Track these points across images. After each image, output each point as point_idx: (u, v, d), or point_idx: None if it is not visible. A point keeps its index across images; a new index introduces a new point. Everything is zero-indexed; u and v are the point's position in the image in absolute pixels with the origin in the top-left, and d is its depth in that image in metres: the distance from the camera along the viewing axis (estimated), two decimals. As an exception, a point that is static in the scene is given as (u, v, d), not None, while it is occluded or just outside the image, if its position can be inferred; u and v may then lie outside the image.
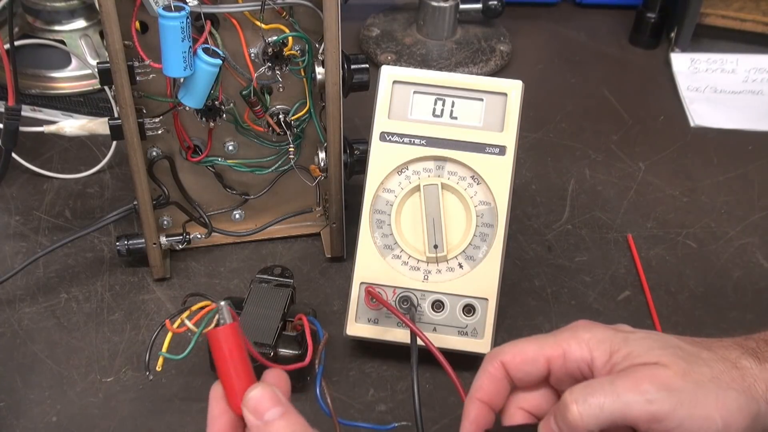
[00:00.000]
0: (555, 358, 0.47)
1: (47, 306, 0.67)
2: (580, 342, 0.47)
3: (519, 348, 0.48)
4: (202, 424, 0.59)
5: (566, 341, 0.48)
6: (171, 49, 0.56)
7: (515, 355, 0.48)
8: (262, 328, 0.58)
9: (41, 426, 0.58)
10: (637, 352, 0.45)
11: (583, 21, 1.11)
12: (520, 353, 0.48)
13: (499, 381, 0.48)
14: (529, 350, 0.48)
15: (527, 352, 0.48)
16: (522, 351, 0.48)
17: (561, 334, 0.48)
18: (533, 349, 0.48)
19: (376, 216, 0.62)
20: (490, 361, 0.48)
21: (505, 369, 0.48)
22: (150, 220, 0.66)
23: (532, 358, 0.48)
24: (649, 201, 0.81)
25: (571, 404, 0.44)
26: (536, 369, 0.47)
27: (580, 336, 0.47)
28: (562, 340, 0.48)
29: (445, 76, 0.62)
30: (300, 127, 0.67)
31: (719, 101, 0.96)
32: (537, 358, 0.48)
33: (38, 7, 0.88)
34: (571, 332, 0.48)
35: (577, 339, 0.47)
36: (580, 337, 0.47)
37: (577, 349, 0.47)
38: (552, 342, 0.48)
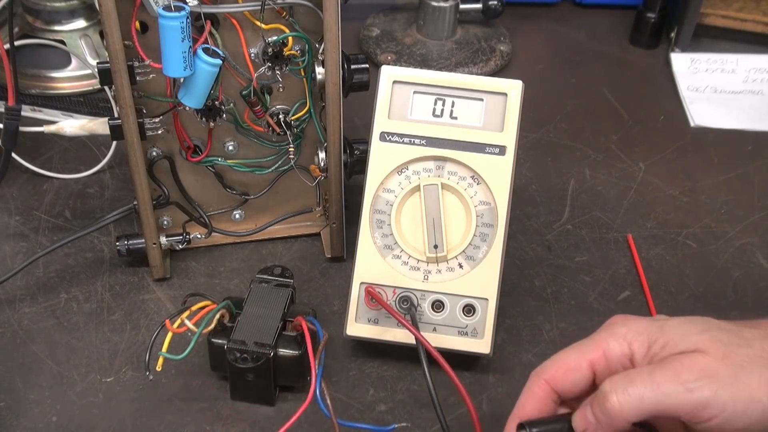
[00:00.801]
0: (597, 360, 0.47)
1: (47, 306, 0.67)
2: (618, 338, 0.47)
3: (560, 360, 0.48)
4: (202, 424, 0.59)
5: (604, 341, 0.47)
6: (171, 49, 0.56)
7: (558, 369, 0.48)
8: (262, 328, 0.58)
9: (41, 426, 0.58)
10: (674, 341, 0.45)
11: (583, 21, 1.11)
12: (562, 365, 0.48)
13: (542, 399, 0.48)
14: (570, 359, 0.48)
15: (569, 362, 0.48)
16: (563, 362, 0.48)
17: (598, 335, 0.48)
18: (574, 357, 0.48)
19: (376, 216, 0.62)
20: (533, 380, 0.49)
21: (549, 386, 0.48)
22: (150, 220, 0.66)
23: (575, 367, 0.48)
24: (649, 201, 0.81)
25: (611, 394, 0.43)
26: (581, 376, 0.47)
27: (617, 332, 0.47)
28: (601, 341, 0.48)
29: (445, 76, 0.62)
30: (300, 127, 0.67)
31: (719, 101, 0.96)
32: (579, 365, 0.47)
33: (38, 7, 0.88)
34: (607, 331, 0.48)
35: (614, 336, 0.47)
36: (617, 334, 0.47)
37: (616, 346, 0.47)
38: (591, 345, 0.48)
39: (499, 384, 0.62)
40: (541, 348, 0.65)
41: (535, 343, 0.66)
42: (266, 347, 0.57)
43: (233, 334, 0.58)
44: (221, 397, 0.61)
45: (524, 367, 0.64)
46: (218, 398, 0.61)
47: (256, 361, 0.57)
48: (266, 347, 0.57)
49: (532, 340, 0.66)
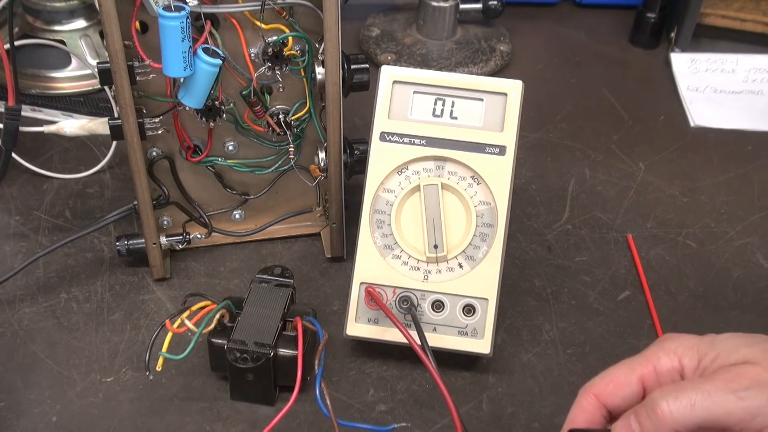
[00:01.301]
0: (647, 375, 0.47)
1: (47, 306, 0.67)
2: (668, 352, 0.47)
3: (610, 376, 0.48)
4: (202, 424, 0.59)
5: (655, 355, 0.47)
6: (171, 49, 0.56)
7: (607, 384, 0.48)
8: (262, 328, 0.58)
9: (41, 426, 0.58)
10: (724, 354, 0.45)
11: (583, 21, 1.11)
12: (612, 380, 0.48)
13: (591, 414, 0.48)
14: (620, 374, 0.48)
15: (618, 377, 0.48)
16: (614, 378, 0.48)
17: (648, 350, 0.48)
18: (624, 373, 0.48)
19: (376, 216, 0.62)
20: (583, 396, 0.48)
21: (599, 401, 0.48)
22: (150, 220, 0.66)
23: (625, 382, 0.47)
24: (649, 201, 0.81)
25: (661, 401, 0.43)
26: (631, 391, 0.47)
27: (667, 347, 0.47)
28: (651, 355, 0.48)
29: (445, 76, 0.62)
30: (300, 127, 0.67)
31: (719, 101, 0.96)
32: (629, 380, 0.47)
33: (38, 7, 0.88)
34: (657, 346, 0.48)
35: (664, 350, 0.47)
36: (667, 348, 0.47)
37: (667, 361, 0.47)
38: (640, 360, 0.48)
39: (499, 384, 0.62)
40: (541, 348, 0.65)
41: (535, 343, 0.66)
42: (266, 347, 0.57)
43: (233, 334, 0.58)
44: (221, 397, 0.61)
45: (524, 367, 0.64)
46: (218, 398, 0.61)
47: (256, 361, 0.57)
48: (266, 347, 0.57)
49: (532, 340, 0.66)
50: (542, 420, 0.60)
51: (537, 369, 0.64)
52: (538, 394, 0.62)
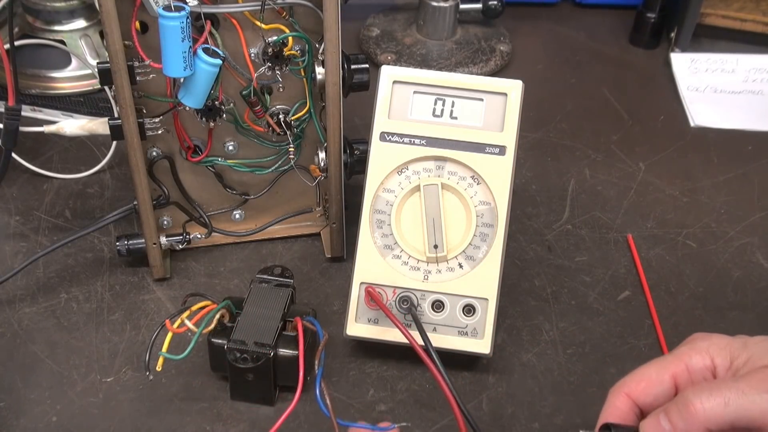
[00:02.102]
0: (679, 373, 0.47)
1: (47, 306, 0.67)
2: (701, 351, 0.47)
3: (641, 374, 0.48)
4: (202, 424, 0.59)
5: (687, 354, 0.48)
6: (171, 49, 0.56)
7: (639, 382, 0.48)
8: (262, 328, 0.58)
9: (41, 426, 0.58)
10: (758, 356, 0.45)
11: (583, 21, 1.11)
12: (644, 379, 0.48)
13: (624, 412, 0.48)
14: (653, 373, 0.48)
15: (651, 376, 0.48)
16: (645, 376, 0.48)
17: (679, 349, 0.48)
18: (656, 371, 0.48)
19: (376, 216, 0.62)
20: (614, 395, 0.48)
21: (631, 399, 0.48)
22: (150, 220, 0.66)
23: (657, 380, 0.47)
24: (649, 201, 0.81)
25: (695, 398, 0.43)
26: (663, 389, 0.47)
27: (699, 346, 0.48)
28: (683, 354, 0.48)
29: (445, 76, 0.62)
30: (300, 127, 0.67)
31: (719, 101, 0.96)
32: (662, 378, 0.47)
33: (38, 7, 0.88)
34: (689, 345, 0.48)
35: (697, 350, 0.47)
36: (699, 348, 0.47)
37: (699, 360, 0.47)
38: (672, 359, 0.48)
39: (499, 384, 0.62)
40: (541, 348, 0.65)
41: (535, 343, 0.66)
42: (266, 347, 0.57)
43: (233, 334, 0.58)
44: (221, 397, 0.61)
45: (524, 367, 0.64)
46: (218, 398, 0.61)
47: (256, 361, 0.57)
48: (266, 347, 0.57)
49: (532, 340, 0.66)
50: (542, 420, 0.60)
51: (537, 369, 0.64)
52: (538, 394, 0.62)
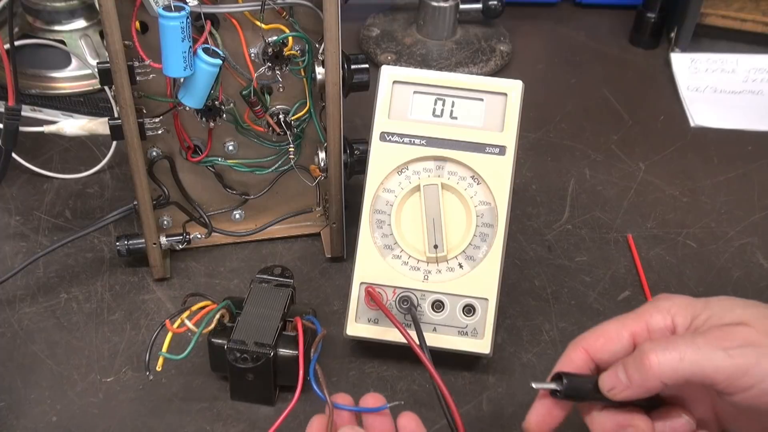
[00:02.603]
0: (639, 332, 0.47)
1: (47, 306, 0.67)
2: (662, 311, 0.47)
3: (601, 330, 0.48)
4: (202, 424, 0.59)
5: (648, 313, 0.48)
6: (171, 49, 0.56)
7: (597, 337, 0.48)
8: (262, 328, 0.58)
9: (41, 426, 0.58)
10: (718, 315, 0.45)
11: (583, 21, 1.11)
12: (603, 335, 0.48)
13: (579, 366, 0.48)
14: (612, 330, 0.48)
15: (610, 333, 0.48)
16: (604, 332, 0.48)
17: (641, 308, 0.48)
18: (615, 328, 0.48)
19: (376, 216, 0.62)
20: (572, 348, 0.49)
21: (588, 354, 0.48)
22: (150, 220, 0.66)
23: (616, 337, 0.47)
24: (649, 201, 0.81)
25: (650, 352, 0.43)
26: (621, 347, 0.47)
27: (661, 305, 0.48)
28: (644, 312, 0.48)
29: (445, 76, 0.62)
30: (300, 127, 0.67)
31: (719, 101, 0.96)
32: (620, 335, 0.47)
33: (38, 7, 0.88)
34: (651, 304, 0.48)
35: (658, 309, 0.47)
36: (660, 307, 0.47)
37: (659, 319, 0.47)
38: (633, 317, 0.48)
39: (499, 384, 0.62)
40: (541, 348, 0.65)
41: (535, 343, 0.66)
42: (266, 347, 0.57)
43: (233, 334, 0.58)
44: (221, 397, 0.61)
45: (524, 367, 0.64)
46: (218, 398, 0.61)
47: (256, 361, 0.57)
48: (266, 347, 0.57)
49: (532, 340, 0.66)
50: (542, 420, 0.60)
51: (537, 369, 0.64)
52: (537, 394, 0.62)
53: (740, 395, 0.42)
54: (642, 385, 0.44)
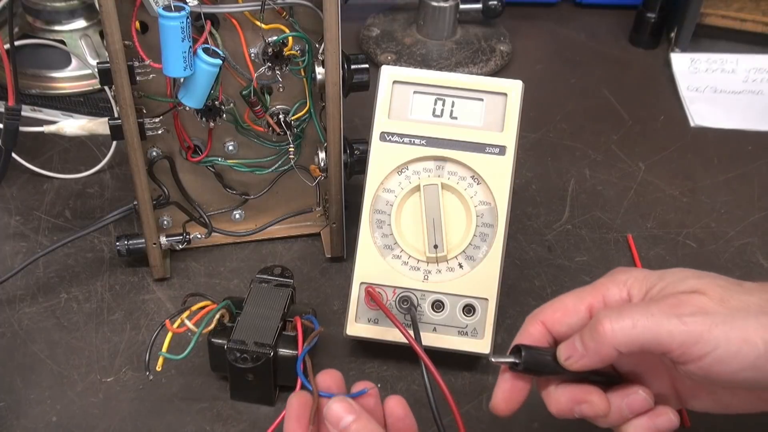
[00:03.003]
0: (595, 304, 0.47)
1: (47, 306, 0.67)
2: (618, 283, 0.47)
3: (558, 303, 0.48)
4: (202, 424, 0.59)
5: (604, 285, 0.48)
6: (171, 49, 0.56)
7: (555, 310, 0.48)
8: (262, 328, 0.58)
9: (41, 426, 0.58)
10: (673, 284, 0.45)
11: (583, 21, 1.11)
12: (560, 308, 0.48)
13: (536, 339, 0.48)
14: (569, 303, 0.48)
15: (567, 306, 0.48)
16: (562, 305, 0.48)
17: (598, 281, 0.49)
18: (573, 301, 0.48)
19: (376, 216, 0.62)
20: (530, 321, 0.49)
21: (545, 328, 0.48)
22: (150, 220, 0.66)
23: (573, 310, 0.47)
24: (649, 201, 0.81)
25: (604, 319, 0.43)
26: (578, 319, 0.47)
27: (617, 278, 0.48)
28: (600, 285, 0.48)
29: (445, 76, 0.62)
30: (300, 127, 0.67)
31: (719, 101, 0.96)
32: (578, 308, 0.47)
33: (38, 7, 0.88)
34: (608, 278, 0.48)
35: (615, 281, 0.48)
36: (617, 279, 0.48)
37: (616, 291, 0.47)
38: (590, 289, 0.48)
39: (499, 384, 0.62)
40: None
41: (535, 343, 0.66)
42: (266, 347, 0.57)
43: (233, 334, 0.58)
44: (221, 397, 0.61)
45: (524, 367, 0.64)
46: (218, 398, 0.61)
47: (256, 361, 0.57)
48: (266, 347, 0.57)
49: (532, 340, 0.66)
50: (542, 420, 0.60)
51: (537, 369, 0.64)
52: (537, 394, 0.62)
53: (694, 364, 0.42)
54: (597, 353, 0.44)
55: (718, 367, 0.42)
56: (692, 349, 0.42)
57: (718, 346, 0.41)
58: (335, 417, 0.46)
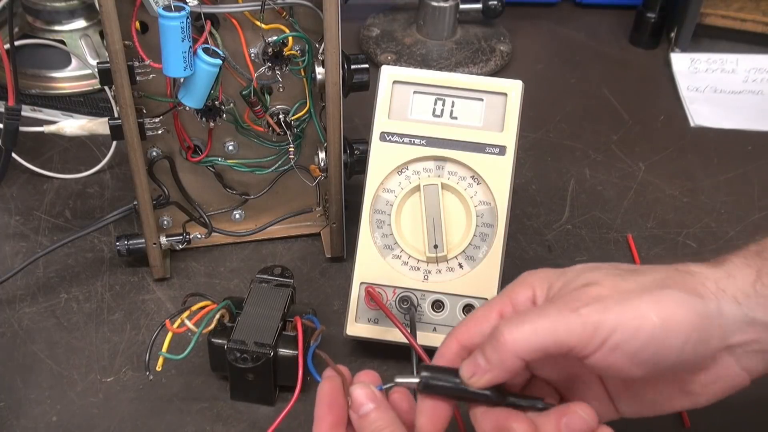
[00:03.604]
0: (505, 310, 0.47)
1: (47, 306, 0.67)
2: (525, 286, 0.47)
3: (470, 318, 0.48)
4: (202, 423, 0.59)
5: (513, 291, 0.48)
6: (171, 49, 0.56)
7: (468, 326, 0.47)
8: (262, 328, 0.58)
9: (41, 426, 0.58)
10: (571, 279, 0.45)
11: (583, 21, 1.11)
12: (472, 320, 0.47)
13: (451, 359, 0.47)
14: (479, 314, 0.47)
15: (477, 315, 0.47)
16: (473, 319, 0.47)
17: (508, 286, 0.48)
18: (483, 312, 0.47)
19: (376, 216, 0.62)
20: (445, 342, 0.48)
21: (460, 344, 0.47)
22: (150, 220, 0.66)
23: (484, 320, 0.47)
24: (649, 201, 0.81)
25: (504, 329, 0.42)
26: (489, 326, 0.46)
27: (525, 281, 0.48)
28: (508, 290, 0.48)
29: (445, 76, 0.62)
30: (300, 127, 0.67)
31: (719, 101, 0.96)
32: (488, 317, 0.47)
33: (38, 7, 0.88)
34: (515, 281, 0.48)
35: (521, 284, 0.48)
36: (525, 282, 0.48)
37: (522, 293, 0.47)
38: (498, 297, 0.48)
39: (499, 384, 0.62)
40: (541, 348, 0.65)
41: (535, 343, 0.66)
42: (266, 347, 0.57)
43: (233, 334, 0.58)
44: (221, 397, 0.61)
45: (524, 367, 0.64)
46: (218, 398, 0.61)
47: (256, 361, 0.57)
48: (266, 347, 0.57)
49: (532, 340, 0.66)
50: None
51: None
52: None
53: (597, 355, 0.42)
54: (500, 365, 0.43)
55: (620, 351, 0.41)
56: (593, 339, 0.41)
57: (615, 329, 0.41)
58: (357, 402, 0.46)
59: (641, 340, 0.41)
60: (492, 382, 0.44)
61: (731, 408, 0.60)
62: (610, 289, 0.43)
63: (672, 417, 0.60)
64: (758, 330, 0.43)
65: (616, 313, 0.41)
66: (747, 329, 0.43)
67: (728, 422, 0.60)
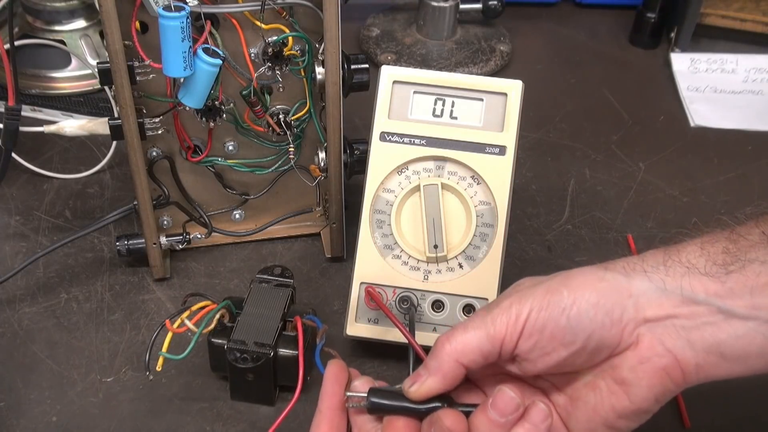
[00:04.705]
0: None
1: (47, 306, 0.67)
2: None
3: None
4: (202, 423, 0.59)
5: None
6: (171, 49, 0.56)
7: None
8: (262, 328, 0.58)
9: (41, 426, 0.58)
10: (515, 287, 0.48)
11: (583, 21, 1.11)
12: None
13: None
14: None
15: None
16: None
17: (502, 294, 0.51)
18: None
19: (376, 216, 0.62)
20: None
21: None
22: (150, 220, 0.66)
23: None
24: (649, 201, 0.81)
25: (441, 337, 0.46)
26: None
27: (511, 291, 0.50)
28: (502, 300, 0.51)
29: (445, 76, 0.62)
30: (300, 127, 0.67)
31: (719, 101, 0.96)
32: None
33: (38, 7, 0.88)
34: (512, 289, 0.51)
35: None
36: None
37: None
38: None
39: (499, 384, 0.62)
40: (541, 348, 0.65)
41: (535, 343, 0.66)
42: (266, 347, 0.57)
43: (233, 334, 0.58)
44: (221, 397, 0.61)
45: (524, 367, 0.64)
46: (218, 398, 0.61)
47: (256, 361, 0.57)
48: (266, 347, 0.57)
49: (532, 340, 0.66)
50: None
51: (537, 369, 0.64)
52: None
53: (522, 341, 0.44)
54: (439, 369, 0.45)
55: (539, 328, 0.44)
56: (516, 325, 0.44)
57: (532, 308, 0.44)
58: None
59: (554, 312, 0.44)
60: (432, 390, 0.46)
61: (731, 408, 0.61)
62: (529, 284, 0.47)
63: (672, 417, 0.60)
64: (672, 303, 0.44)
65: (531, 296, 0.45)
66: (661, 301, 0.44)
67: (728, 422, 0.60)
